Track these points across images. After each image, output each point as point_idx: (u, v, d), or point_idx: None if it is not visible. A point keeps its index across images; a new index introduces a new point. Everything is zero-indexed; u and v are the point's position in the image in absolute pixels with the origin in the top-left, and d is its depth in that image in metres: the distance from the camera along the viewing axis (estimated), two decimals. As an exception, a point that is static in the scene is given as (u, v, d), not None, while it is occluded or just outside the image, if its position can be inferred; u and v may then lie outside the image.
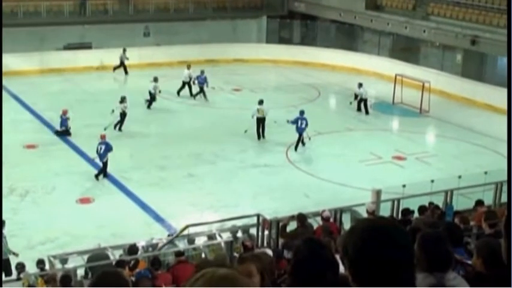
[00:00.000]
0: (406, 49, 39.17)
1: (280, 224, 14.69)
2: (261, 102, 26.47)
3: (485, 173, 18.79)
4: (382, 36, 39.82)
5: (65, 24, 37.15)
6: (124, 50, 36.06)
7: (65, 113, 26.24)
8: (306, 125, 25.29)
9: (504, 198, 16.92)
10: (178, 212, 19.40)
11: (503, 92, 31.39)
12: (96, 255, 13.89)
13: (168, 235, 16.37)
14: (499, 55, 33.86)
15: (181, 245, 15.06)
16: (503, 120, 29.65)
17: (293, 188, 21.46)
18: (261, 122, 26.26)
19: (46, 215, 19.20)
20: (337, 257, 3.45)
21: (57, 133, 26.12)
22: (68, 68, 35.33)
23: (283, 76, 35.94)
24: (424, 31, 35.17)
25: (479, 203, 15.96)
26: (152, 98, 29.74)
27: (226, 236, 15.29)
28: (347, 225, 15.06)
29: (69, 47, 37.52)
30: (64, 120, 26.14)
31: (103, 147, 22.33)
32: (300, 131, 25.32)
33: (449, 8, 35.26)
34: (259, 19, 43.77)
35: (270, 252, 9.71)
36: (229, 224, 16.10)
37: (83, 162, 23.31)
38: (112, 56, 36.36)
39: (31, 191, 20.68)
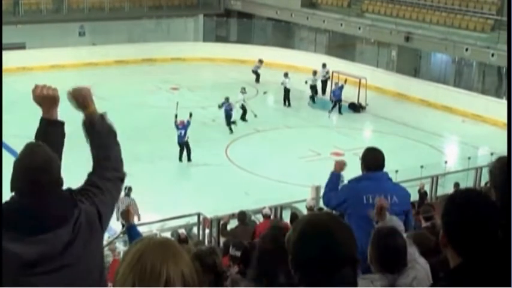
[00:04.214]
0: (342, 46, 39.58)
1: (221, 222, 14.69)
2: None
3: (421, 166, 19.15)
4: (318, 33, 40.16)
5: (-3, 24, 36.32)
6: (260, 61, 35.68)
7: None
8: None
9: (440, 192, 17.30)
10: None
11: (436, 87, 32.13)
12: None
13: (108, 237, 16.18)
14: (432, 51, 34.54)
15: (121, 246, 14.92)
16: (437, 114, 30.37)
17: (233, 186, 21.43)
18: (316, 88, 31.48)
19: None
20: None
21: None
22: (0, 68, 34.48)
23: (221, 74, 35.88)
24: (359, 28, 35.59)
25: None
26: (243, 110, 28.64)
27: (167, 235, 15.21)
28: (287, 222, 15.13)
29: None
30: None
31: (183, 132, 23.29)
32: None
33: (383, 5, 35.79)
34: (196, 17, 43.61)
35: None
36: (169, 223, 16.01)
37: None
38: (46, 56, 35.81)
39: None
